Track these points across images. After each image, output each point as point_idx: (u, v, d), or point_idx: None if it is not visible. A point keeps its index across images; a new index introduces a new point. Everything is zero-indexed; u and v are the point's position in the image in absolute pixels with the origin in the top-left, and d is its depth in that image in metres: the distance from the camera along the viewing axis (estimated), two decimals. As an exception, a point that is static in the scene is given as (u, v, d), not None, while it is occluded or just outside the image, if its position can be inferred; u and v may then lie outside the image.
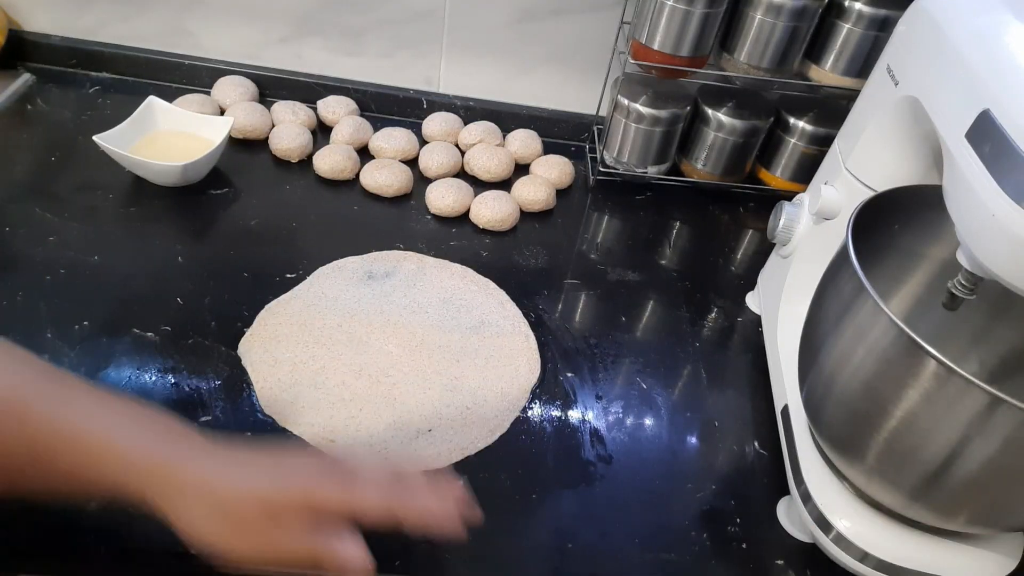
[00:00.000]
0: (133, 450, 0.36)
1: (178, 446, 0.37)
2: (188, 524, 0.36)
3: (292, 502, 0.36)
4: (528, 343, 0.64)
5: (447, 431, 0.55)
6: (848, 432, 0.47)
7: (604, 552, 0.50)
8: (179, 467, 0.36)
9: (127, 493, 0.36)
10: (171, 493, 0.36)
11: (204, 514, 0.36)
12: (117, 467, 0.36)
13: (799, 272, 0.64)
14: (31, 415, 0.35)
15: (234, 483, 0.36)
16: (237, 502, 0.36)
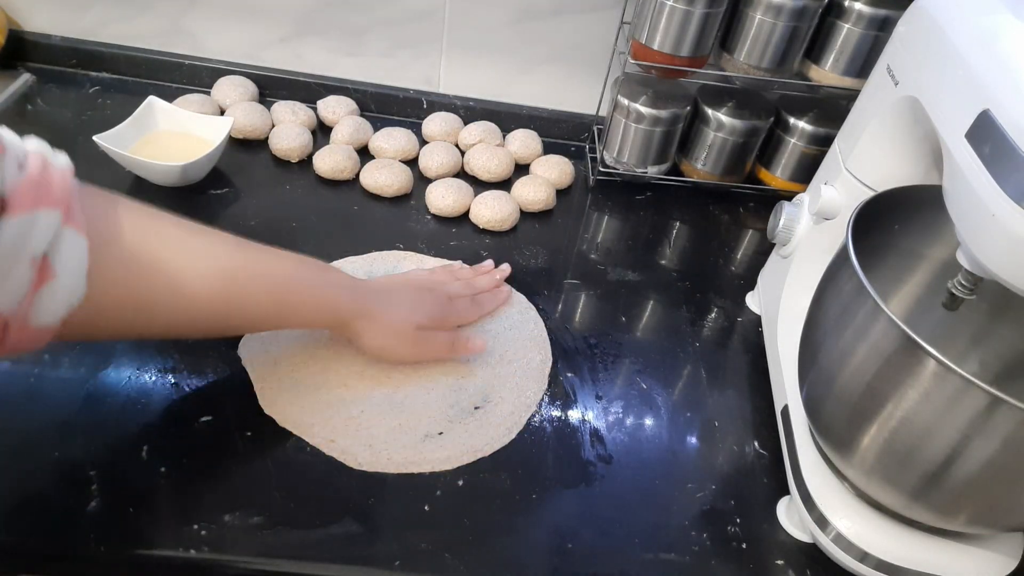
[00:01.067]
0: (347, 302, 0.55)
1: (368, 297, 0.56)
2: (368, 338, 0.56)
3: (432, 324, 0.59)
4: (537, 329, 0.65)
5: (459, 433, 0.55)
6: (848, 432, 0.47)
7: (604, 552, 0.50)
8: (370, 310, 0.55)
9: (339, 325, 0.56)
10: (366, 326, 0.55)
11: (382, 334, 0.56)
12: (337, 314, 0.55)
13: (799, 272, 0.64)
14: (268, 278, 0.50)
15: (401, 317, 0.57)
16: (404, 330, 0.57)
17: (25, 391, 0.53)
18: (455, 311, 0.61)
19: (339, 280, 0.55)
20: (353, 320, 0.55)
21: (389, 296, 0.58)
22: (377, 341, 0.56)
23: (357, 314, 0.55)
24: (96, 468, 0.49)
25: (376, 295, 0.57)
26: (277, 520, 0.48)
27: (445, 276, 0.65)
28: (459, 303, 0.62)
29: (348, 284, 0.56)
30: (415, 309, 0.58)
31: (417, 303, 0.59)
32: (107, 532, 0.46)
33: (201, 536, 0.46)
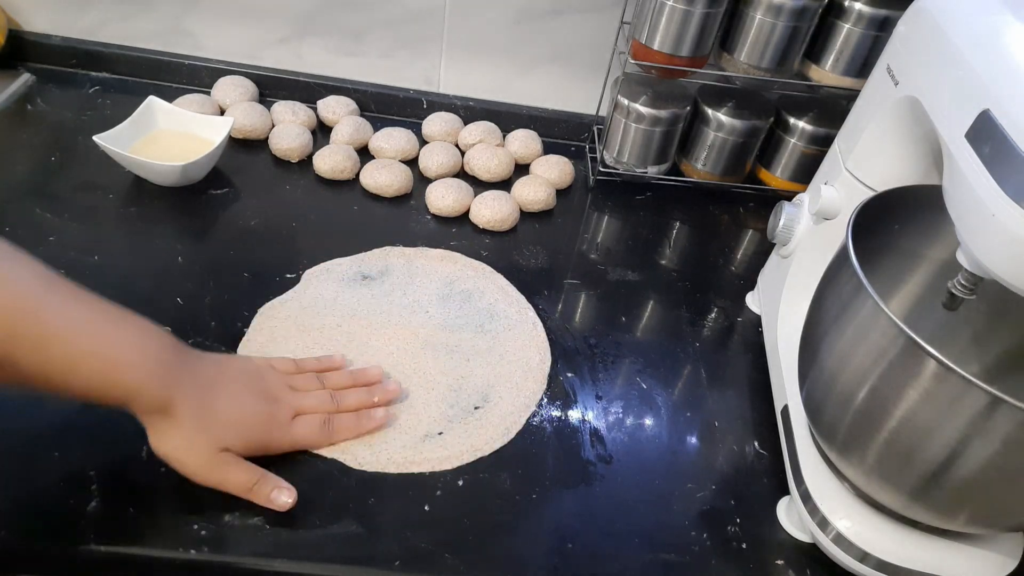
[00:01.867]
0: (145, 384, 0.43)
1: (178, 387, 0.45)
2: (162, 448, 0.46)
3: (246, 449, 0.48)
4: (536, 330, 0.64)
5: (459, 433, 0.55)
6: (848, 432, 0.47)
7: (604, 552, 0.50)
8: (171, 406, 0.44)
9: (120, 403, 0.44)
10: (155, 418, 0.45)
11: (173, 444, 0.46)
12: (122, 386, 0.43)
13: (799, 272, 0.64)
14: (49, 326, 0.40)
15: (205, 429, 0.46)
16: (203, 446, 0.46)
17: (25, 391, 0.52)
18: (289, 436, 0.50)
19: (152, 354, 0.44)
20: (148, 412, 0.44)
21: (211, 396, 0.47)
22: (166, 447, 0.46)
23: (155, 407, 0.44)
24: (96, 468, 0.49)
25: (193, 389, 0.46)
26: (277, 520, 0.48)
27: (307, 382, 0.53)
28: (301, 426, 0.51)
29: (162, 362, 0.44)
30: (231, 425, 0.47)
31: (239, 417, 0.48)
32: (107, 532, 0.46)
33: (201, 536, 0.46)
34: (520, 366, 0.61)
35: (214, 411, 0.47)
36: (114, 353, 0.43)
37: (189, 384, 0.46)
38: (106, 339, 0.43)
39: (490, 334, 0.63)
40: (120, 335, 0.43)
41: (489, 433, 0.56)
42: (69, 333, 0.41)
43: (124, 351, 0.43)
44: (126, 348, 0.43)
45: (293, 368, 0.54)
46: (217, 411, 0.47)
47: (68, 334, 0.41)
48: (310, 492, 0.50)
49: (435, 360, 0.60)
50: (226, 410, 0.47)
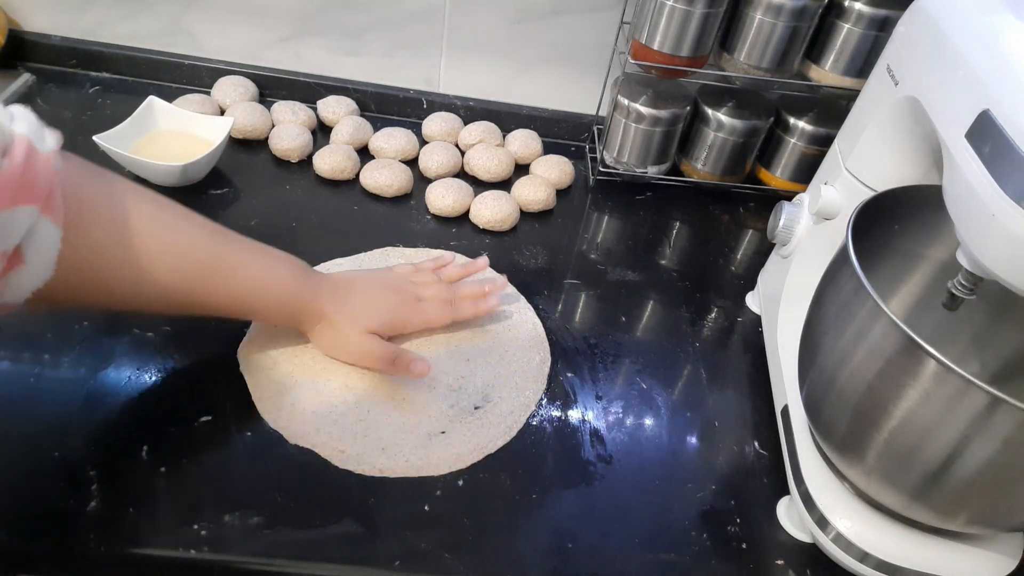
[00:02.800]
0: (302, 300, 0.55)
1: (322, 295, 0.55)
2: (317, 339, 0.57)
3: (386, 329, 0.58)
4: (536, 330, 0.64)
5: (460, 432, 0.55)
6: (848, 432, 0.47)
7: (604, 552, 0.50)
8: (321, 309, 0.55)
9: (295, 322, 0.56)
10: (315, 324, 0.56)
11: (329, 335, 0.56)
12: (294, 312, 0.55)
13: (799, 272, 0.64)
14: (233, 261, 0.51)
15: (350, 318, 0.56)
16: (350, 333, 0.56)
17: (25, 391, 0.53)
18: (420, 314, 0.60)
19: (298, 279, 0.55)
20: (308, 320, 0.56)
21: (346, 294, 0.57)
22: (324, 342, 0.57)
23: (309, 312, 0.55)
24: (96, 468, 0.49)
25: (332, 293, 0.56)
26: (277, 520, 0.48)
27: (425, 276, 0.63)
28: (429, 306, 0.60)
29: (305, 282, 0.55)
30: (370, 311, 0.57)
31: (374, 305, 0.58)
32: (107, 532, 0.46)
33: (201, 536, 0.46)
34: (520, 366, 0.61)
35: (352, 304, 0.57)
36: (277, 277, 0.54)
37: (328, 291, 0.56)
38: (269, 267, 0.54)
39: (490, 334, 0.63)
40: (278, 264, 0.54)
41: (490, 433, 0.56)
42: (244, 266, 0.52)
43: (283, 275, 0.54)
44: (285, 272, 0.54)
45: (412, 269, 0.64)
46: (355, 304, 0.57)
47: (244, 267, 0.52)
48: (310, 492, 0.50)
49: (436, 359, 0.60)
50: (362, 301, 0.57)
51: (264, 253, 0.54)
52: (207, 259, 0.49)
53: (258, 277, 0.53)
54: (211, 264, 0.50)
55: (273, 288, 0.53)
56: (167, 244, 0.47)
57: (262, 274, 0.53)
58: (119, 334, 0.58)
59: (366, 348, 0.56)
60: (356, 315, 0.56)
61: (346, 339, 0.56)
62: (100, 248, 0.43)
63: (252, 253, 0.53)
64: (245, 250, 0.53)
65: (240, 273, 0.51)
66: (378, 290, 0.59)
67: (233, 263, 0.51)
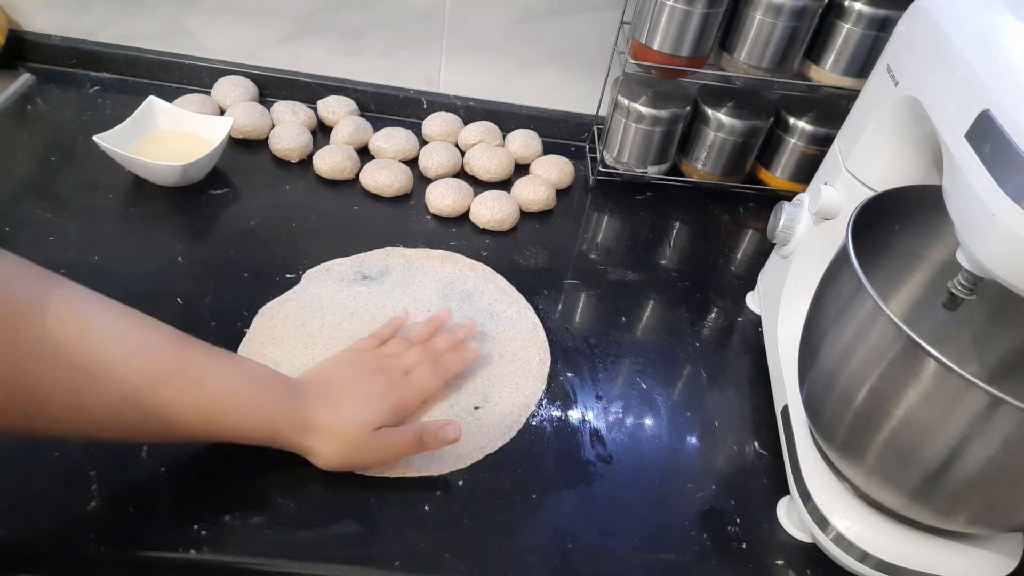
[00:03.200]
0: (288, 418, 0.47)
1: (311, 408, 0.48)
2: (323, 456, 0.49)
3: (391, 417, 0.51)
4: (536, 331, 0.64)
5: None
6: (848, 432, 0.47)
7: (604, 552, 0.50)
8: (315, 424, 0.48)
9: (282, 443, 0.48)
10: (314, 443, 0.48)
11: (335, 447, 0.49)
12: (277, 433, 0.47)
13: (799, 272, 0.64)
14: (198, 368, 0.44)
15: (352, 422, 0.49)
16: (357, 435, 0.49)
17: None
18: (414, 388, 0.54)
19: (279, 392, 0.48)
20: (298, 439, 0.48)
21: (335, 397, 0.50)
22: (333, 458, 0.49)
23: (301, 430, 0.48)
24: (96, 468, 0.49)
25: (320, 399, 0.49)
26: (277, 520, 0.48)
27: (394, 347, 0.57)
28: (417, 375, 0.54)
29: (289, 394, 0.48)
30: (367, 407, 0.50)
31: (367, 398, 0.51)
32: (107, 532, 0.46)
33: (201, 536, 0.46)
34: (520, 366, 0.61)
35: (347, 406, 0.50)
36: (255, 387, 0.47)
37: (314, 397, 0.49)
38: (244, 377, 0.47)
39: (490, 334, 0.63)
40: (253, 373, 0.47)
41: (490, 433, 0.56)
42: (214, 374, 0.44)
43: (262, 385, 0.47)
44: (263, 383, 0.47)
45: (376, 342, 0.58)
46: (349, 404, 0.50)
47: (214, 375, 0.44)
48: (310, 492, 0.50)
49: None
50: (355, 398, 0.50)
51: (236, 359, 0.48)
52: (168, 364, 0.42)
53: (231, 385, 0.45)
54: (172, 370, 0.42)
55: (251, 398, 0.46)
56: (115, 350, 0.40)
57: (236, 381, 0.45)
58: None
59: (386, 443, 0.50)
60: (358, 416, 0.49)
61: (360, 445, 0.49)
62: (26, 358, 0.36)
63: (223, 358, 0.46)
64: (214, 356, 0.45)
65: (210, 381, 0.44)
66: (363, 380, 0.52)
67: (200, 369, 0.44)
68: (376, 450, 0.50)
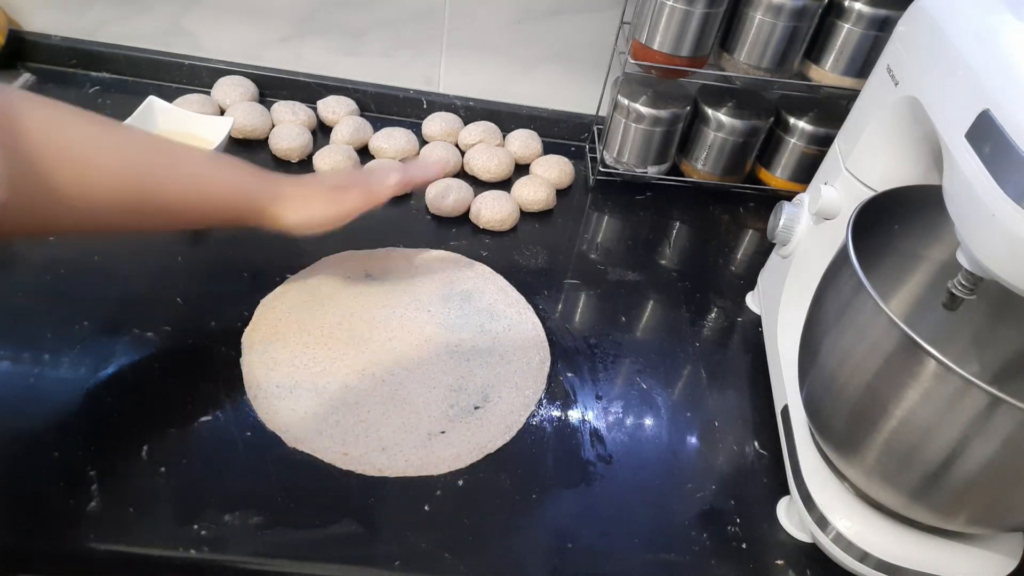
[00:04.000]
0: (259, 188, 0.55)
1: (279, 182, 0.57)
2: (294, 219, 0.56)
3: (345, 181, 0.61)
4: (537, 331, 0.64)
5: (460, 432, 0.55)
6: (848, 432, 0.47)
7: (604, 552, 0.50)
8: (282, 190, 0.56)
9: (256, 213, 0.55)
10: (281, 207, 0.56)
11: (301, 210, 0.57)
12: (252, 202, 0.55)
13: (799, 272, 0.64)
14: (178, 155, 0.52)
15: (311, 187, 0.58)
16: (317, 196, 0.58)
17: (25, 391, 0.53)
18: (371, 176, 0.63)
19: (249, 170, 0.56)
20: (268, 205, 0.55)
21: (299, 178, 0.59)
22: (298, 215, 0.57)
23: (271, 198, 0.56)
24: (96, 468, 0.49)
25: (286, 179, 0.58)
26: (277, 520, 0.48)
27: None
28: (376, 168, 0.66)
29: (259, 173, 0.56)
30: (324, 179, 0.63)
31: (326, 176, 0.66)
32: (107, 532, 0.46)
33: (201, 536, 0.47)
34: (520, 366, 0.61)
35: (309, 179, 0.60)
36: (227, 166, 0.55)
37: (286, 179, 0.57)
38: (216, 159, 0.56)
39: (490, 334, 0.63)
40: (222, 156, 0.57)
41: (489, 433, 0.56)
42: (194, 157, 0.53)
43: (232, 164, 0.55)
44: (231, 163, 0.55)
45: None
46: (311, 179, 0.60)
47: (194, 157, 0.53)
48: (310, 492, 0.50)
49: (436, 359, 0.60)
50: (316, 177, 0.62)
51: (209, 154, 0.56)
52: (151, 152, 0.50)
53: (208, 165, 0.54)
54: (156, 155, 0.50)
55: (227, 174, 0.54)
56: (105, 143, 0.47)
57: (212, 162, 0.55)
58: (119, 334, 0.58)
59: (341, 197, 0.58)
60: (313, 181, 0.60)
61: (317, 202, 0.57)
62: (38, 161, 0.42)
63: (195, 149, 0.55)
64: (188, 147, 0.54)
65: (188, 163, 0.52)
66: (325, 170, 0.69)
67: (181, 155, 0.52)
68: (330, 203, 0.58)
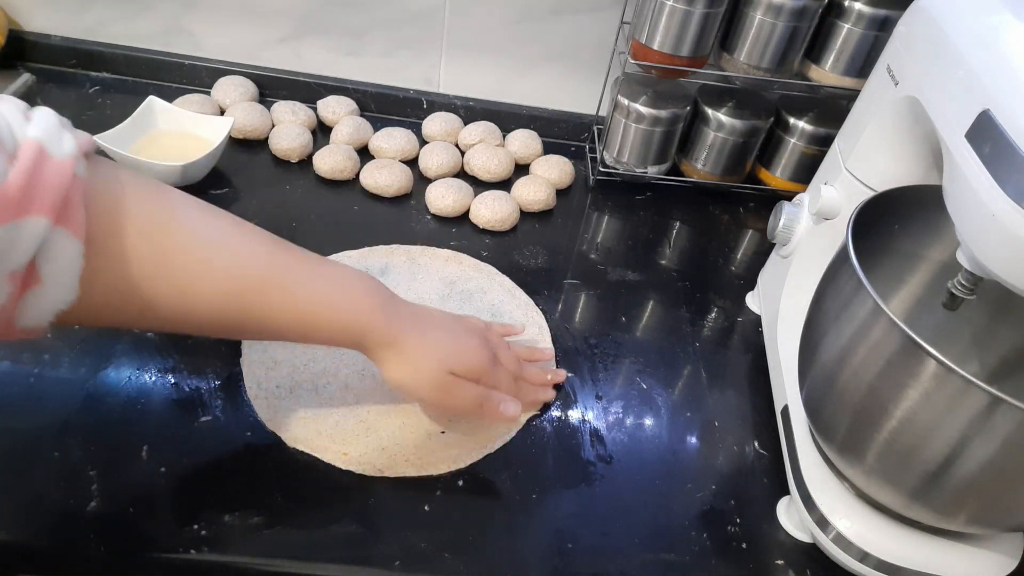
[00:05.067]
0: (376, 327, 0.48)
1: (402, 324, 0.49)
2: (394, 372, 0.49)
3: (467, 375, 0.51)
4: (542, 334, 0.64)
5: (461, 431, 0.55)
6: (848, 432, 0.47)
7: (604, 552, 0.50)
8: (400, 340, 0.49)
9: (364, 349, 0.49)
10: (386, 352, 0.49)
11: (408, 369, 0.49)
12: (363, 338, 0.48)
13: (799, 272, 0.64)
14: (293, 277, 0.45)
15: (434, 355, 0.50)
16: (432, 370, 0.50)
17: (25, 391, 0.53)
18: (495, 376, 0.54)
19: (373, 300, 0.49)
20: (379, 347, 0.49)
21: (427, 328, 0.51)
22: (400, 375, 0.50)
23: (385, 342, 0.48)
24: (96, 468, 0.49)
25: (413, 323, 0.50)
26: (277, 520, 0.48)
27: (497, 340, 0.57)
28: (502, 371, 0.54)
29: (382, 305, 0.49)
30: (454, 352, 0.51)
31: (458, 346, 0.52)
32: (107, 532, 0.46)
33: (201, 536, 0.47)
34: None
35: (436, 339, 0.51)
36: (347, 296, 0.47)
37: (409, 320, 0.50)
38: (339, 285, 0.47)
39: (490, 334, 0.63)
40: (349, 281, 0.48)
41: (489, 433, 0.56)
42: (310, 282, 0.46)
43: (355, 295, 0.48)
44: (357, 292, 0.48)
45: (485, 326, 0.58)
46: (438, 338, 0.51)
47: (309, 283, 0.46)
48: (310, 492, 0.50)
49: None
50: (446, 337, 0.51)
51: (334, 267, 0.48)
52: (264, 273, 0.44)
53: (326, 295, 0.46)
54: (269, 279, 0.44)
55: (345, 309, 0.47)
56: (215, 256, 0.42)
57: (331, 291, 0.47)
58: (119, 334, 0.58)
59: (452, 389, 0.51)
60: (440, 351, 0.50)
61: (431, 379, 0.50)
62: (135, 263, 0.38)
63: (319, 266, 0.47)
64: (310, 263, 0.47)
65: (304, 290, 0.45)
66: (461, 330, 0.53)
67: (296, 278, 0.45)
68: (441, 391, 0.50)
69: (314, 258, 0.47)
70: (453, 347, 0.51)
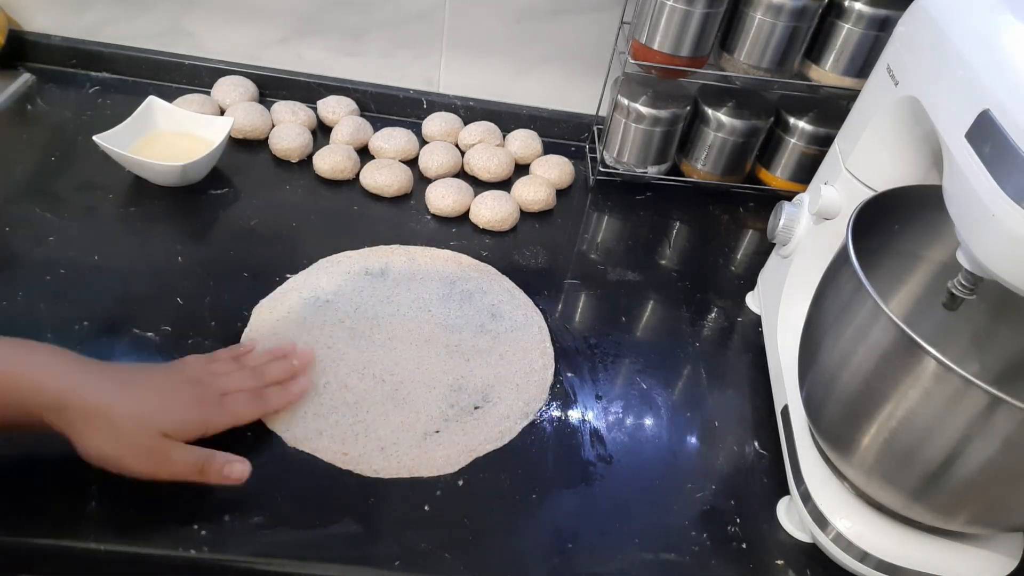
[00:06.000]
0: (53, 385, 0.42)
1: (89, 381, 0.43)
2: (93, 447, 0.43)
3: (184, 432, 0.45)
4: (542, 335, 0.64)
5: (459, 432, 0.55)
6: (848, 432, 0.47)
7: (604, 552, 0.50)
8: (89, 401, 0.42)
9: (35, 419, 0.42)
10: (73, 418, 0.42)
11: (106, 441, 0.43)
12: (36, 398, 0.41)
13: (799, 272, 0.64)
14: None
15: (129, 410, 0.43)
16: (132, 430, 0.43)
17: None
18: (225, 412, 0.49)
19: (47, 358, 0.43)
20: (61, 410, 0.42)
21: (128, 385, 0.45)
22: (97, 445, 0.43)
23: (66, 402, 0.41)
24: (96, 468, 0.49)
25: (105, 380, 0.44)
26: (277, 520, 0.48)
27: (226, 365, 0.53)
28: (233, 400, 0.50)
29: (60, 363, 0.43)
30: (164, 409, 0.45)
31: (168, 401, 0.46)
32: (107, 532, 0.46)
33: (201, 536, 0.46)
34: (522, 368, 0.61)
35: (139, 397, 0.45)
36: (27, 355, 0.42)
37: (103, 376, 0.44)
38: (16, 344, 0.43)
39: (490, 334, 0.63)
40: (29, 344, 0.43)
41: (489, 433, 0.56)
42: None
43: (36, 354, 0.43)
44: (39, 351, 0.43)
45: (207, 359, 0.53)
46: (142, 397, 0.45)
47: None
48: (310, 492, 0.50)
49: (436, 358, 0.60)
50: (152, 396, 0.46)
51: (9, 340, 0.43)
52: None
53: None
54: None
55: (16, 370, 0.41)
56: None
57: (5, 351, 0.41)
58: (119, 334, 0.58)
59: (165, 454, 0.44)
60: (145, 412, 0.44)
61: (133, 443, 0.43)
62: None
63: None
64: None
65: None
66: (171, 384, 0.48)
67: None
68: (151, 457, 0.44)
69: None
70: (160, 406, 0.45)
